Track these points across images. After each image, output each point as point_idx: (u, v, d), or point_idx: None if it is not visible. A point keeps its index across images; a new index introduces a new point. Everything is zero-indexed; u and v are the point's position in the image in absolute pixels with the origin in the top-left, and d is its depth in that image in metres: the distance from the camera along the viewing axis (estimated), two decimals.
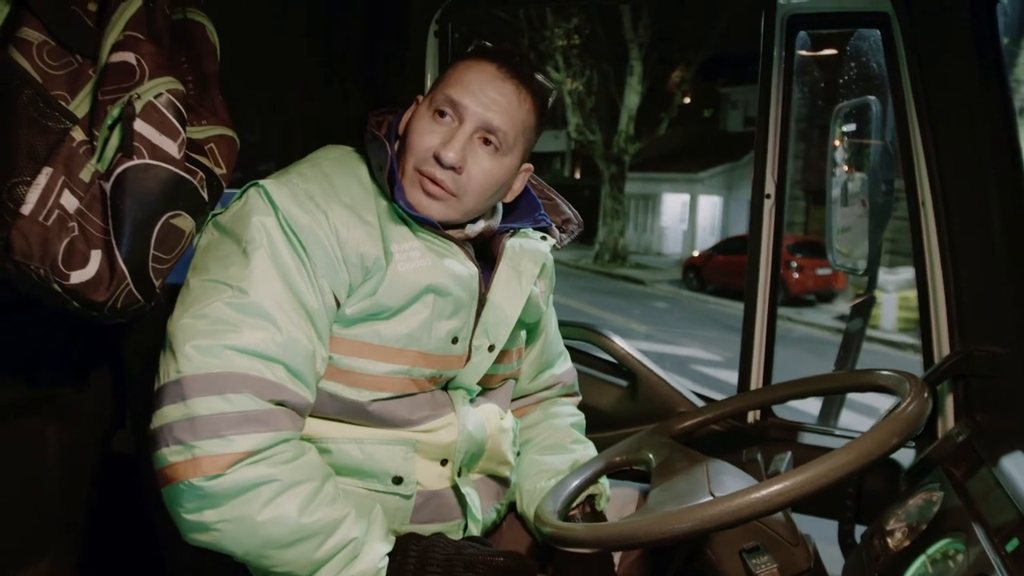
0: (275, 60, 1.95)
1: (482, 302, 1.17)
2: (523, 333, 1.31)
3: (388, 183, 1.11)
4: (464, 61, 1.14)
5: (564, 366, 1.45)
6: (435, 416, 1.14)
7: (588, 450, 1.36)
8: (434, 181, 1.10)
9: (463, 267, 1.13)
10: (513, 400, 1.35)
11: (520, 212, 1.25)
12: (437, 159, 1.09)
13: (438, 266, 1.11)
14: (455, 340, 1.14)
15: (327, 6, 1.87)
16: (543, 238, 1.24)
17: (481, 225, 1.19)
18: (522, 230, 1.23)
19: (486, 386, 1.23)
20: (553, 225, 1.27)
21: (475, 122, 1.10)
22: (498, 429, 1.22)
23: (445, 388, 1.18)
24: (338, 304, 1.07)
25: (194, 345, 0.97)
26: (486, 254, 1.20)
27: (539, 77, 1.14)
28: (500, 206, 1.25)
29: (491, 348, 1.17)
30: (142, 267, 1.02)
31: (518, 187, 1.21)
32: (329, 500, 1.01)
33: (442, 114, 1.11)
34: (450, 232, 1.15)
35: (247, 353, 0.98)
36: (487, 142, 1.11)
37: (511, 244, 1.20)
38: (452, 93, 1.10)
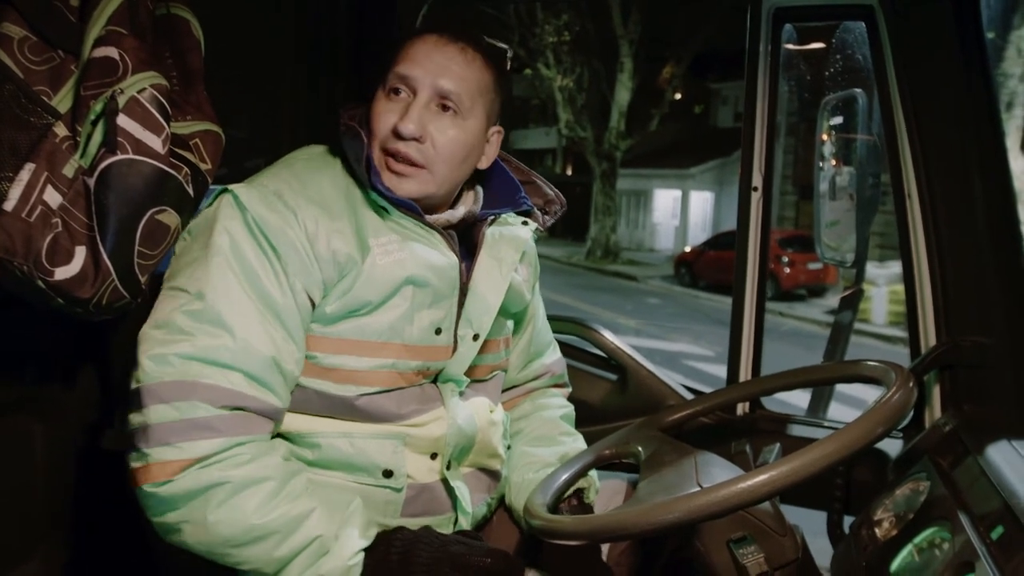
0: (264, 56, 1.94)
1: (464, 292, 1.17)
2: (509, 323, 1.31)
3: (366, 171, 1.11)
4: (409, 39, 1.14)
5: (553, 356, 1.45)
6: (424, 410, 1.15)
7: (577, 443, 1.36)
8: (397, 157, 1.11)
9: (443, 257, 1.13)
10: (503, 391, 1.35)
11: (501, 196, 1.25)
12: (396, 134, 1.10)
13: (416, 257, 1.11)
14: (438, 331, 1.14)
15: (316, 1, 1.86)
16: (524, 223, 1.25)
17: (462, 210, 1.19)
18: (503, 216, 1.24)
19: (475, 378, 1.23)
20: (535, 208, 1.27)
21: (428, 91, 1.11)
22: (488, 422, 1.22)
23: (435, 381, 1.18)
24: (313, 305, 1.07)
25: (150, 355, 0.99)
26: (468, 242, 1.21)
27: (486, 38, 1.16)
28: (481, 191, 1.25)
29: (475, 337, 1.18)
30: (127, 263, 1.02)
31: (492, 152, 1.22)
32: (291, 498, 1.01)
33: (396, 91, 1.12)
34: (432, 219, 1.15)
35: (200, 361, 0.99)
36: (445, 108, 1.12)
37: (491, 232, 1.20)
38: (400, 69, 1.11)
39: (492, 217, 1.22)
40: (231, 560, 1.00)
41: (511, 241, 1.21)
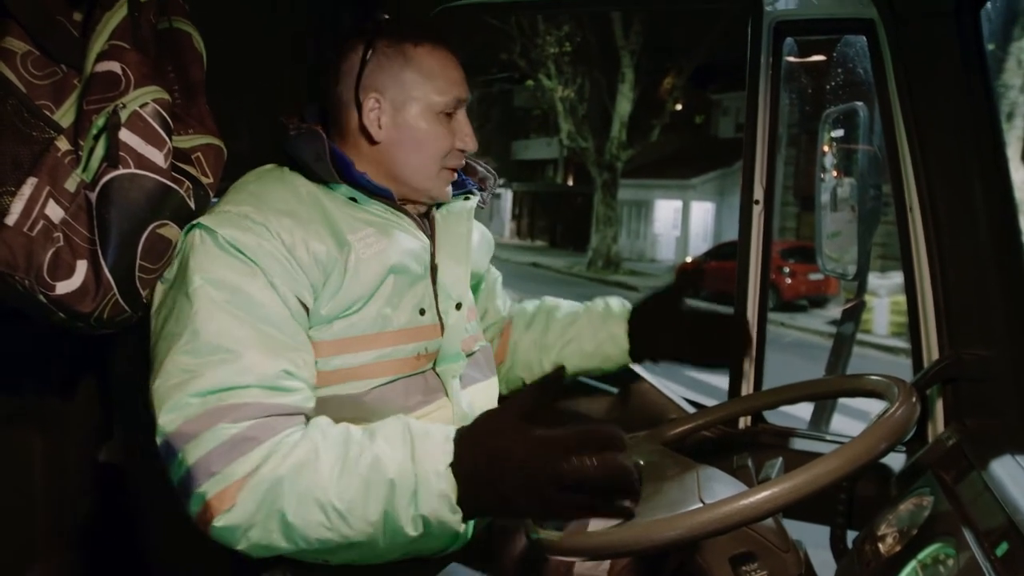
0: (264, 68, 1.94)
1: (433, 268, 1.20)
2: (470, 294, 1.34)
3: (333, 165, 1.12)
4: (432, 53, 1.18)
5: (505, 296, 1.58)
6: (429, 401, 1.17)
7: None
8: (455, 168, 1.22)
9: (415, 240, 1.18)
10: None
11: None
12: (462, 150, 1.20)
13: (395, 245, 1.14)
14: (422, 311, 1.18)
15: (316, 13, 1.87)
16: (466, 198, 1.29)
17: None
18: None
19: (467, 351, 1.25)
20: (475, 186, 1.32)
21: (464, 102, 1.20)
22: (484, 408, 1.24)
23: (435, 368, 1.20)
24: (307, 309, 1.08)
25: (165, 408, 0.97)
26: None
27: None
28: None
29: (459, 306, 1.22)
30: (129, 277, 1.02)
31: None
32: (352, 456, 0.94)
33: (450, 113, 1.18)
34: (405, 205, 1.20)
35: (215, 392, 0.97)
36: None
37: (440, 213, 1.25)
38: (456, 92, 1.18)
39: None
40: (342, 551, 0.96)
41: (459, 215, 1.26)
